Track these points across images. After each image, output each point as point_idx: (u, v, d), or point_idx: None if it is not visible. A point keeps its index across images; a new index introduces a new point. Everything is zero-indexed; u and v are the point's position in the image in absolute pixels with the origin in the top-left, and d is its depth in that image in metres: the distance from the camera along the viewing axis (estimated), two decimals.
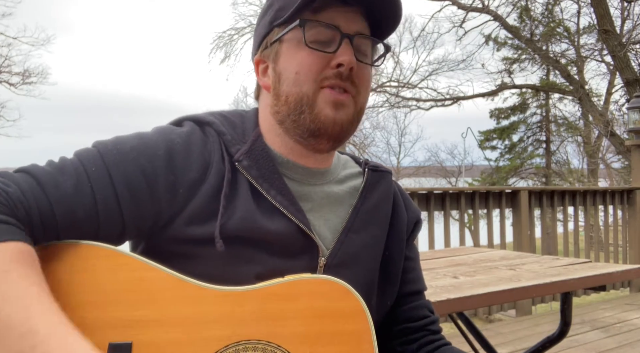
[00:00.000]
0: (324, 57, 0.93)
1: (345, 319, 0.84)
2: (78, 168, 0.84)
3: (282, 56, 0.96)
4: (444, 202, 4.83)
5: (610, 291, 5.77)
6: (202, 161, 0.91)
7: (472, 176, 20.57)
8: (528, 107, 19.06)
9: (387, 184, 1.09)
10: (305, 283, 0.85)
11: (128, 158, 0.87)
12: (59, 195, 0.80)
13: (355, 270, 0.95)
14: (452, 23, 14.37)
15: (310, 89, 0.92)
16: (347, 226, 1.01)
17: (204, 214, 0.88)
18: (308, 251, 0.95)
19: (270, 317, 0.81)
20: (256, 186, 0.93)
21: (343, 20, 0.94)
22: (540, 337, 2.89)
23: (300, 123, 0.94)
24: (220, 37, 16.13)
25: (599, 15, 10.50)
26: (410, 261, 1.12)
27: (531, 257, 2.85)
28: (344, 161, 1.12)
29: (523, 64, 16.26)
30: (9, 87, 15.54)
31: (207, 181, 0.90)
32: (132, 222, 0.86)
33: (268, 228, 0.91)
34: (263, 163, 0.95)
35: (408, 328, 1.08)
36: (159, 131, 0.93)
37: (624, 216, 6.14)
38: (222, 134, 0.95)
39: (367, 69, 0.98)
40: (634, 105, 6.22)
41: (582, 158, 18.97)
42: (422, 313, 1.10)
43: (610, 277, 2.36)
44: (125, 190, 0.85)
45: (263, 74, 1.01)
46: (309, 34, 0.92)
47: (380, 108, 18.02)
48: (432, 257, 2.86)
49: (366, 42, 0.97)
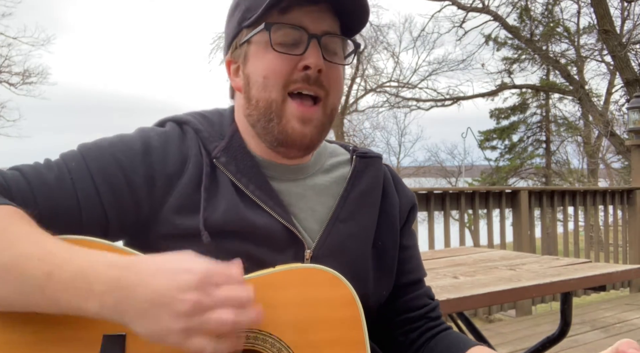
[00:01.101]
0: (291, 60, 0.93)
1: (335, 306, 0.85)
2: (59, 163, 0.89)
3: (250, 58, 0.96)
4: (444, 202, 4.83)
5: (610, 291, 5.77)
6: (179, 156, 0.93)
7: (472, 176, 20.57)
8: (528, 107, 19.07)
9: (376, 170, 1.08)
10: (296, 272, 0.86)
11: (106, 153, 0.91)
12: (41, 184, 0.85)
13: (342, 260, 0.95)
14: (452, 23, 14.38)
15: (279, 96, 0.93)
16: (334, 215, 1.00)
17: (188, 206, 0.90)
18: (293, 244, 0.96)
19: (262, 305, 0.81)
20: (235, 182, 0.94)
21: (310, 20, 0.93)
22: (540, 337, 2.89)
23: (269, 130, 0.95)
24: (220, 37, 16.07)
25: (599, 15, 10.50)
26: (407, 250, 1.11)
27: (531, 257, 2.85)
28: (331, 149, 1.11)
29: (523, 64, 16.28)
30: (9, 87, 15.54)
31: (186, 174, 0.92)
32: (114, 214, 0.89)
33: (252, 220, 0.92)
34: (241, 158, 0.97)
35: (409, 318, 1.08)
36: (139, 130, 0.97)
37: (624, 216, 6.14)
38: (199, 131, 0.97)
39: (336, 69, 0.98)
40: (634, 105, 6.22)
41: (582, 158, 18.98)
42: (422, 302, 1.10)
43: (610, 277, 2.36)
44: (103, 183, 0.88)
45: (235, 74, 1.01)
46: (276, 36, 0.92)
47: (380, 108, 18.04)
48: (432, 257, 2.86)
49: (335, 41, 0.97)
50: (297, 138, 0.94)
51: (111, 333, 0.79)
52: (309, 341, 0.83)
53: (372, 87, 17.30)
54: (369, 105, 18.33)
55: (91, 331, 0.79)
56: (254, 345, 0.82)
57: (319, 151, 1.08)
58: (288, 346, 0.83)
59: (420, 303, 1.10)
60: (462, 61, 16.29)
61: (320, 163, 1.07)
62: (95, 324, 0.79)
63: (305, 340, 0.83)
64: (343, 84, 1.03)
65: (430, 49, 21.86)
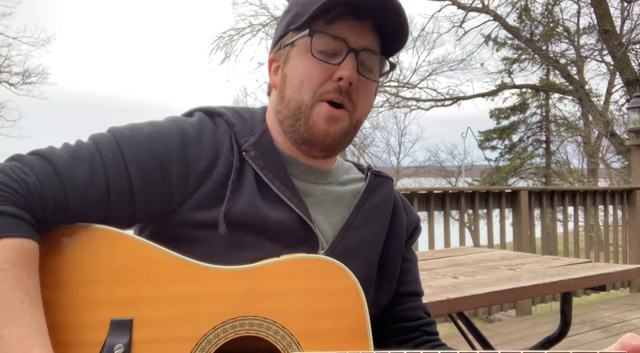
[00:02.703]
0: (327, 69, 0.97)
1: (338, 296, 0.87)
2: (94, 154, 0.88)
3: (291, 59, 1.01)
4: (444, 202, 4.83)
5: (610, 291, 5.77)
6: (212, 150, 0.95)
7: (472, 176, 20.55)
8: (528, 107, 19.05)
9: (388, 189, 1.13)
10: (300, 262, 0.88)
11: (143, 144, 0.91)
12: (74, 185, 0.85)
13: (353, 263, 0.97)
14: (452, 23, 14.37)
15: (310, 100, 0.97)
16: (347, 222, 1.04)
17: (211, 200, 0.93)
18: (308, 242, 0.98)
19: (266, 294, 0.85)
20: (261, 176, 0.97)
21: (352, 35, 0.97)
22: (540, 337, 2.89)
23: (295, 129, 0.99)
24: (220, 37, 16.09)
25: (599, 15, 10.50)
26: (408, 263, 1.15)
27: (531, 257, 2.86)
28: (347, 167, 1.16)
29: (523, 64, 16.25)
30: (9, 87, 15.51)
31: (217, 169, 0.94)
32: (143, 207, 0.90)
33: (270, 216, 0.95)
34: (269, 154, 0.99)
35: (404, 328, 1.10)
36: (172, 120, 0.98)
37: (624, 216, 6.15)
38: (232, 125, 1.00)
39: (368, 85, 1.01)
40: (634, 105, 6.22)
41: (582, 158, 18.99)
42: (418, 314, 1.12)
43: (610, 277, 2.36)
44: (139, 176, 0.89)
45: (274, 73, 1.06)
46: (317, 44, 0.96)
47: (380, 108, 17.99)
48: (432, 257, 2.87)
49: (372, 58, 1.00)
50: (321, 137, 0.98)
51: (118, 318, 0.82)
52: (312, 329, 0.85)
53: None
54: None
55: (99, 316, 0.82)
56: (258, 332, 0.84)
57: (337, 165, 1.12)
58: (291, 334, 0.84)
59: (416, 314, 1.12)
60: (462, 60, 16.29)
61: (338, 175, 1.11)
62: (103, 309, 0.83)
63: (308, 329, 0.85)
64: (372, 100, 1.07)
65: (430, 49, 21.89)
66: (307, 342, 0.84)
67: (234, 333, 0.83)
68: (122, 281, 0.84)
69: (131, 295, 0.84)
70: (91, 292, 0.83)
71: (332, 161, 1.11)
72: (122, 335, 0.80)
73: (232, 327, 0.84)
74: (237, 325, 0.84)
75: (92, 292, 0.83)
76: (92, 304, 0.83)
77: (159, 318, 0.83)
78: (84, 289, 0.83)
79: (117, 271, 0.84)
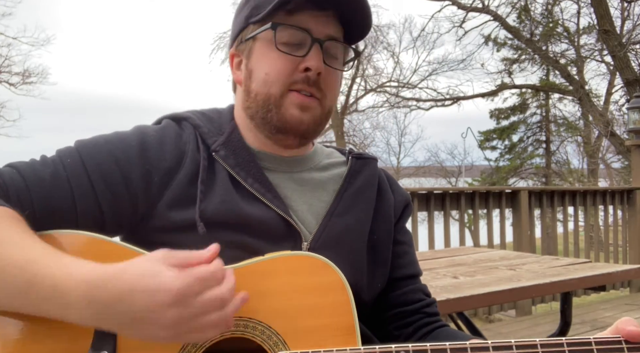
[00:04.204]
0: (293, 61, 0.96)
1: (324, 292, 0.86)
2: (55, 160, 0.90)
3: (254, 53, 1.00)
4: (444, 202, 4.83)
5: (610, 291, 5.77)
6: (176, 152, 0.95)
7: (472, 176, 20.55)
8: (528, 108, 19.06)
9: (371, 170, 1.11)
10: (285, 259, 0.87)
11: (102, 149, 0.92)
12: (37, 181, 0.86)
13: (339, 252, 0.97)
14: (452, 23, 14.35)
15: (278, 92, 0.96)
16: (330, 210, 1.03)
17: (184, 200, 0.92)
18: (290, 236, 0.97)
19: (251, 294, 0.83)
20: (233, 175, 0.96)
21: (315, 24, 0.96)
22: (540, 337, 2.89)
23: (267, 120, 0.98)
24: (220, 37, 16.08)
25: (599, 15, 10.49)
26: (401, 245, 1.12)
27: (531, 257, 2.86)
28: (328, 152, 1.14)
29: (523, 64, 16.25)
30: (9, 87, 15.51)
31: (183, 170, 0.94)
32: (110, 210, 0.90)
33: (248, 212, 0.94)
34: (239, 152, 0.99)
35: (403, 312, 1.08)
36: (137, 128, 0.99)
37: (624, 216, 6.14)
38: (198, 127, 0.99)
39: (335, 74, 1.01)
40: (634, 105, 6.22)
41: (582, 158, 18.98)
42: (417, 297, 1.10)
43: (610, 277, 2.37)
44: (99, 179, 0.89)
45: (237, 67, 1.05)
46: (280, 36, 0.96)
47: (380, 108, 18.03)
48: (432, 257, 2.87)
49: (336, 46, 1.00)
50: (295, 123, 0.97)
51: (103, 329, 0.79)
52: (298, 327, 0.84)
53: (372, 87, 17.31)
54: (369, 105, 18.33)
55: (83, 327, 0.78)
56: (243, 333, 0.83)
57: (316, 150, 1.11)
58: (278, 333, 0.83)
59: (414, 297, 1.09)
60: (462, 60, 16.30)
61: (317, 160, 1.09)
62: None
63: (295, 327, 0.84)
64: (339, 87, 1.06)
65: (430, 49, 21.89)
66: (294, 341, 0.83)
67: (220, 335, 0.82)
68: None
69: None
70: None
71: (307, 147, 1.09)
72: (106, 343, 0.79)
73: None
74: None
75: None
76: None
77: None
78: None
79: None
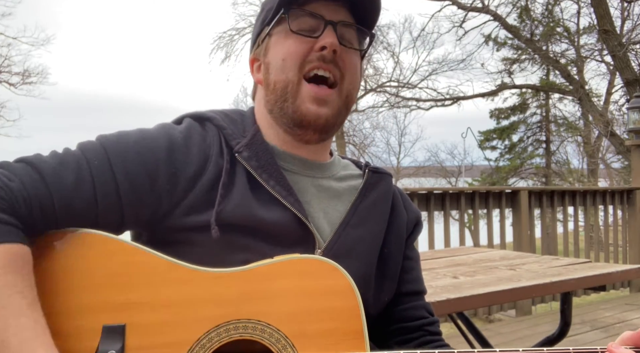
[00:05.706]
0: (308, 42, 0.97)
1: (333, 296, 0.85)
2: (80, 160, 0.87)
3: (271, 48, 1.01)
4: (444, 202, 4.82)
5: (610, 291, 5.77)
6: (201, 155, 0.94)
7: (472, 176, 20.54)
8: (528, 107, 19.05)
9: (386, 185, 1.12)
10: (294, 262, 0.87)
11: (130, 151, 0.90)
12: (60, 189, 0.84)
13: (350, 263, 0.96)
14: (452, 23, 14.36)
15: (295, 77, 0.97)
16: (345, 220, 1.03)
17: (202, 204, 0.92)
18: (304, 241, 0.97)
19: (260, 296, 0.84)
20: (255, 177, 0.96)
21: (327, 11, 0.98)
22: (540, 337, 2.89)
23: (285, 111, 0.98)
24: (220, 37, 16.10)
25: (599, 15, 10.49)
26: (410, 261, 1.13)
27: (531, 257, 2.86)
28: (344, 164, 1.15)
29: (523, 64, 16.24)
30: (9, 87, 15.50)
31: (206, 174, 0.93)
32: (132, 212, 0.89)
33: (263, 216, 0.93)
34: (262, 155, 0.98)
35: (405, 328, 1.08)
36: (161, 127, 0.97)
37: (624, 216, 6.14)
38: (222, 128, 0.99)
39: (352, 54, 1.01)
40: (634, 105, 6.22)
41: (582, 158, 18.97)
42: (420, 314, 1.10)
43: (610, 277, 2.36)
44: (126, 182, 0.88)
45: (257, 71, 1.06)
46: (294, 22, 0.97)
47: (380, 108, 18.00)
48: (432, 257, 2.87)
49: (350, 31, 1.01)
50: (312, 118, 0.97)
51: (111, 324, 0.81)
52: (307, 331, 0.84)
53: (372, 87, 17.28)
54: (369, 105, 18.30)
55: (91, 323, 0.80)
56: (252, 335, 0.83)
57: (334, 161, 1.11)
58: (286, 336, 0.83)
59: (417, 314, 1.10)
60: (462, 60, 16.29)
61: (335, 170, 1.10)
62: (94, 316, 0.81)
63: (303, 330, 0.84)
64: (359, 72, 1.05)
65: (430, 49, 21.92)
66: (302, 344, 0.83)
67: (228, 337, 0.82)
68: (114, 286, 0.82)
69: (123, 301, 0.82)
70: (82, 298, 0.82)
71: (327, 152, 1.10)
72: (114, 342, 0.79)
73: (226, 331, 0.83)
74: (231, 329, 0.83)
75: (82, 298, 0.82)
76: (83, 310, 0.81)
77: (151, 323, 0.82)
78: (74, 295, 0.82)
79: (107, 276, 0.83)
